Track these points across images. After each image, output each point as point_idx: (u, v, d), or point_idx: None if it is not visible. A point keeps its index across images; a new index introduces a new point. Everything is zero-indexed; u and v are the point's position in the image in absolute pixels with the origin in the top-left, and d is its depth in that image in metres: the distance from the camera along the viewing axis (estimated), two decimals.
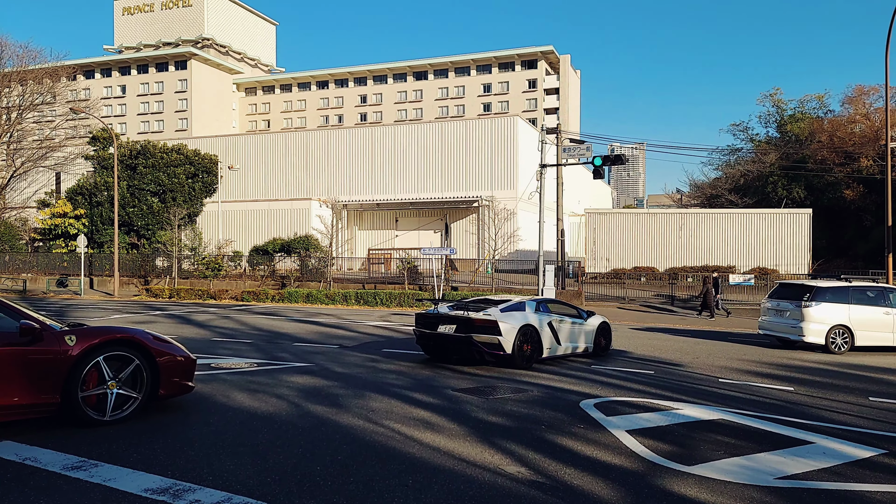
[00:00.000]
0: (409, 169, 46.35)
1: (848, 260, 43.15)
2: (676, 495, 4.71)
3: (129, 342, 6.28)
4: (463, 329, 10.46)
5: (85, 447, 5.40)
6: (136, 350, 6.31)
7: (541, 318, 11.25)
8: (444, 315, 10.77)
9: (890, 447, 6.31)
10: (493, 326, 10.34)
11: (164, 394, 6.56)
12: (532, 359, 10.85)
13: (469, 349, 10.50)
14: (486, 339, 10.34)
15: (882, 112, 43.33)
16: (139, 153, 40.07)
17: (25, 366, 5.66)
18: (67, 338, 5.92)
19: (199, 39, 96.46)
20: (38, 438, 5.60)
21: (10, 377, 5.56)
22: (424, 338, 11.05)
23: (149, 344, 6.43)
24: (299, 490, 4.53)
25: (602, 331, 12.88)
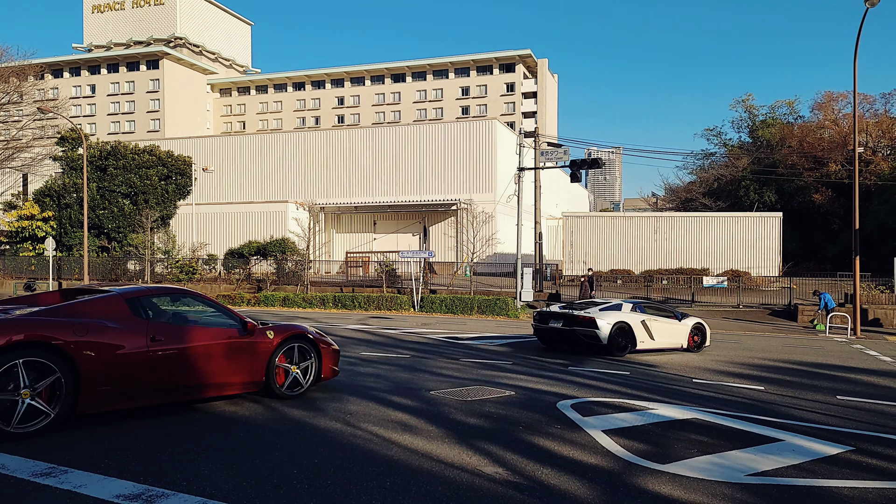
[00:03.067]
0: (387, 172, 46.25)
1: (817, 263, 44.22)
2: (651, 493, 4.78)
3: (305, 336, 7.84)
4: (568, 324, 13.16)
5: (55, 453, 5.28)
6: (309, 343, 7.85)
7: (634, 317, 13.40)
8: (554, 313, 13.59)
9: (857, 444, 6.48)
10: (591, 322, 12.86)
11: (324, 378, 8.09)
12: (626, 349, 13.08)
13: (573, 340, 13.19)
14: (585, 332, 12.92)
15: (850, 118, 44.46)
16: (110, 154, 39.35)
17: (247, 353, 7.26)
18: (268, 332, 7.48)
19: (172, 39, 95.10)
20: (5, 445, 5.46)
21: (238, 361, 7.17)
22: (540, 331, 13.88)
23: (316, 338, 7.97)
24: (276, 494, 4.49)
25: (696, 330, 14.48)
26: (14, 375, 5.51)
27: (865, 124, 46.41)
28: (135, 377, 6.29)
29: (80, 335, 5.92)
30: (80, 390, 5.85)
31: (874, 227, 41.37)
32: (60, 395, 5.74)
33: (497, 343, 15.22)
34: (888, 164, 45.54)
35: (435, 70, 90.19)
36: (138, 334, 6.38)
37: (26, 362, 5.56)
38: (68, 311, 6.21)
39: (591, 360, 12.45)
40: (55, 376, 5.70)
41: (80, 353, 5.85)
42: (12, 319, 5.78)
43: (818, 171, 47.55)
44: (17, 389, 5.53)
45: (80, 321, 6.07)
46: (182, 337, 6.73)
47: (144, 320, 6.57)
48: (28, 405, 5.58)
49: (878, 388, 10.60)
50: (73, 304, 6.37)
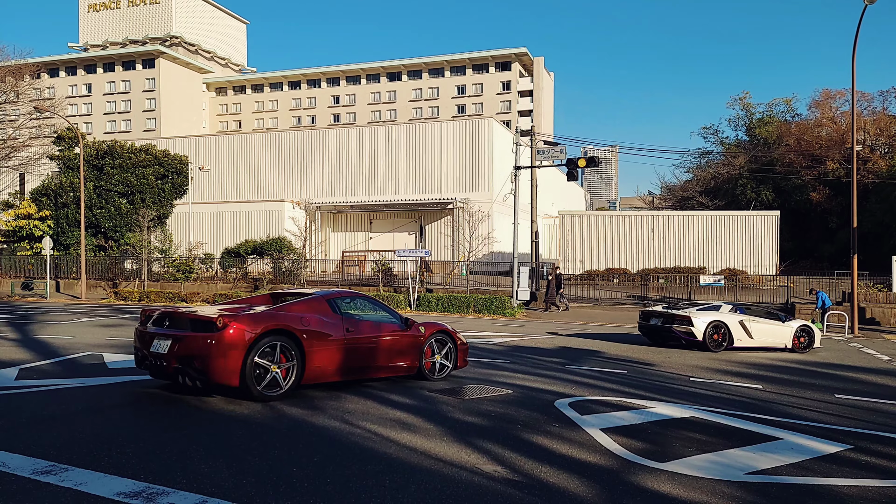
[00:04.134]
0: (383, 171, 46.21)
1: (814, 261, 44.33)
2: (650, 491, 4.78)
3: (446, 332, 9.45)
4: (667, 322, 14.59)
5: (54, 451, 5.27)
6: (450, 337, 9.45)
7: (732, 317, 14.45)
8: (655, 311, 15.13)
9: (855, 442, 6.50)
10: (688, 320, 14.25)
11: (459, 366, 9.56)
12: (721, 346, 14.15)
13: (670, 336, 14.50)
14: (682, 329, 14.25)
15: (848, 116, 44.57)
16: (106, 153, 39.22)
17: (408, 344, 8.88)
18: (421, 327, 9.14)
19: (168, 37, 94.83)
20: (5, 443, 5.45)
21: (402, 350, 8.80)
22: (643, 328, 15.41)
23: (455, 333, 9.58)
24: (275, 492, 4.49)
25: (802, 332, 15.18)
26: (268, 353, 7.28)
27: (863, 122, 46.53)
28: (336, 359, 8.00)
29: (305, 326, 7.70)
30: (304, 367, 7.59)
31: (872, 226, 41.50)
32: (291, 371, 7.49)
33: (494, 342, 15.23)
34: (886, 163, 45.67)
35: (431, 68, 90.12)
36: (338, 326, 8.11)
37: (274, 344, 7.31)
38: (292, 308, 7.98)
39: (590, 359, 12.47)
40: (295, 353, 7.51)
41: (306, 339, 7.61)
42: (264, 313, 7.57)
43: (815, 170, 47.66)
44: (270, 363, 7.28)
45: (303, 316, 7.83)
46: (365, 329, 8.52)
47: (340, 316, 8.30)
48: (272, 376, 7.32)
49: (876, 386, 10.63)
50: (294, 303, 8.15)
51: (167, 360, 7.17)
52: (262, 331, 7.20)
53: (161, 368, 7.35)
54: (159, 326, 7.60)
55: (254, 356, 7.13)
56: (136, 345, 7.72)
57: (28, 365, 10.10)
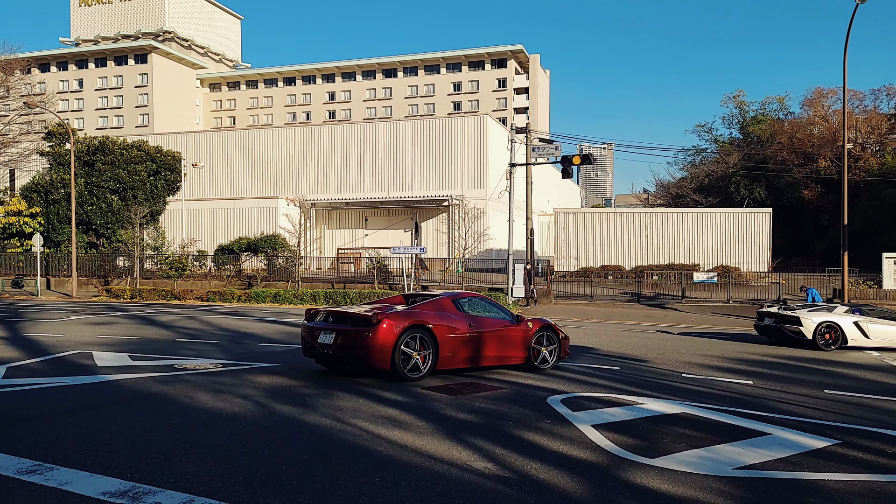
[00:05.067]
0: (378, 167, 46.12)
1: (806, 258, 44.52)
2: (640, 487, 4.79)
3: (552, 327, 10.71)
4: (778, 321, 15.47)
5: (40, 450, 5.24)
6: (554, 331, 10.69)
7: (846, 318, 14.97)
8: (767, 312, 15.99)
9: (843, 437, 6.53)
10: (796, 320, 15.05)
11: (563, 357, 10.76)
12: (832, 345, 14.70)
13: (781, 334, 15.33)
14: (791, 328, 15.01)
15: (840, 114, 44.70)
16: (97, 149, 38.99)
17: (518, 337, 10.17)
18: (529, 323, 10.41)
19: (161, 32, 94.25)
20: None
21: (513, 342, 10.09)
22: (758, 327, 16.36)
23: (558, 328, 10.85)
24: (264, 490, 4.47)
25: None
26: (411, 344, 8.83)
27: (855, 120, 46.73)
28: (461, 349, 9.38)
29: (437, 321, 9.17)
30: (438, 356, 9.05)
31: (863, 223, 41.70)
32: (428, 358, 9.01)
33: None
34: (877, 161, 45.89)
35: (426, 65, 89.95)
36: (462, 322, 9.53)
37: (415, 336, 8.87)
38: (425, 307, 9.53)
39: (582, 356, 12.48)
40: (431, 344, 9.02)
41: (439, 332, 9.07)
42: (407, 311, 9.20)
43: (808, 168, 47.84)
44: (413, 352, 8.84)
45: (435, 313, 9.34)
46: (483, 324, 9.84)
47: (464, 313, 9.73)
48: (414, 362, 8.86)
49: (864, 381, 10.69)
50: (426, 303, 9.70)
51: (332, 349, 8.89)
52: (406, 325, 8.78)
53: (326, 356, 9.15)
54: (324, 322, 9.26)
55: (401, 346, 8.71)
56: (305, 336, 9.40)
57: (16, 363, 10.04)
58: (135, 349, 11.87)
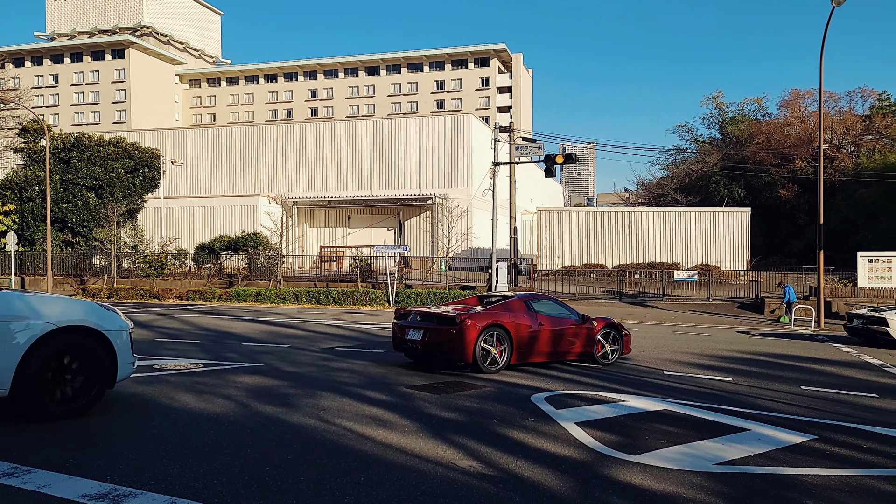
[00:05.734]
0: (361, 166, 45.95)
1: (783, 257, 45.24)
2: (622, 483, 4.84)
3: (614, 325, 11.56)
4: (866, 323, 16.12)
5: (17, 453, 5.14)
6: (617, 329, 11.54)
7: None
8: (858, 314, 16.82)
9: (820, 433, 6.66)
10: (883, 321, 15.67)
11: (625, 352, 11.67)
12: None
13: (869, 335, 16.01)
14: (878, 329, 15.63)
15: (816, 115, 45.42)
16: (73, 146, 38.33)
17: (583, 334, 11.15)
18: (594, 321, 11.33)
19: (138, 27, 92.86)
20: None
21: (579, 339, 11.09)
22: (847, 328, 16.97)
23: (622, 326, 11.78)
24: (247, 491, 4.44)
25: None
26: (489, 340, 9.88)
27: (830, 122, 47.55)
28: (533, 344, 10.45)
29: (512, 320, 10.23)
30: (513, 350, 10.11)
31: (838, 223, 42.46)
32: (505, 352, 10.05)
33: None
34: (852, 161, 46.76)
35: (410, 63, 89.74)
36: (533, 320, 10.54)
37: (493, 333, 9.93)
38: (501, 307, 10.61)
39: None
40: (507, 340, 10.05)
41: (514, 329, 10.14)
42: (485, 311, 10.28)
43: (785, 168, 48.59)
44: (491, 347, 9.89)
45: (509, 313, 10.41)
46: (552, 323, 10.82)
47: (535, 313, 10.75)
48: (492, 356, 9.90)
49: (840, 378, 10.90)
50: (501, 304, 10.78)
51: (420, 345, 9.97)
52: (486, 324, 9.86)
53: (415, 350, 10.19)
54: (413, 321, 10.35)
55: (481, 342, 9.77)
56: (396, 333, 10.49)
57: None
58: None
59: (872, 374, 11.51)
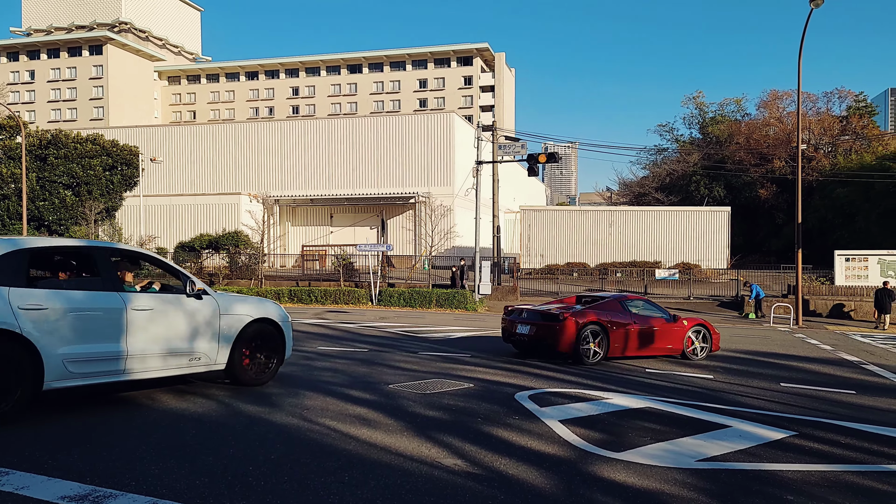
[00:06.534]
0: (343, 164, 45.72)
1: (762, 255, 45.87)
2: (606, 480, 4.87)
3: (704, 324, 12.46)
4: None
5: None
6: (706, 328, 12.41)
7: None
8: None
9: (799, 429, 6.76)
10: None
11: (714, 350, 12.49)
12: None
13: None
14: None
15: (794, 116, 46.09)
16: (50, 143, 37.64)
17: (673, 332, 12.01)
18: (683, 321, 12.17)
19: (116, 23, 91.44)
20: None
21: (669, 337, 11.96)
22: None
23: (710, 326, 12.57)
24: (230, 491, 4.39)
25: None
26: (588, 335, 11.02)
27: (808, 122, 48.30)
28: (626, 341, 11.48)
29: (608, 318, 11.31)
30: (609, 345, 11.19)
31: (816, 222, 43.16)
32: (601, 347, 11.14)
33: (456, 336, 15.26)
34: (829, 161, 47.55)
35: (392, 62, 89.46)
36: (627, 319, 11.63)
37: (591, 329, 11.04)
38: (598, 307, 11.67)
39: None
40: (603, 336, 11.14)
41: (609, 327, 11.24)
42: (584, 310, 11.34)
43: (764, 168, 49.26)
44: (590, 342, 11.06)
45: (606, 311, 11.51)
46: (644, 321, 11.84)
47: (628, 312, 11.84)
48: (592, 350, 11.05)
49: (818, 374, 11.08)
50: (598, 304, 11.84)
51: (527, 338, 11.37)
52: (585, 321, 11.00)
53: (522, 342, 11.57)
54: (520, 317, 11.65)
55: (581, 337, 10.91)
56: (505, 327, 11.88)
57: None
58: None
59: (850, 371, 11.72)
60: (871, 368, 12.23)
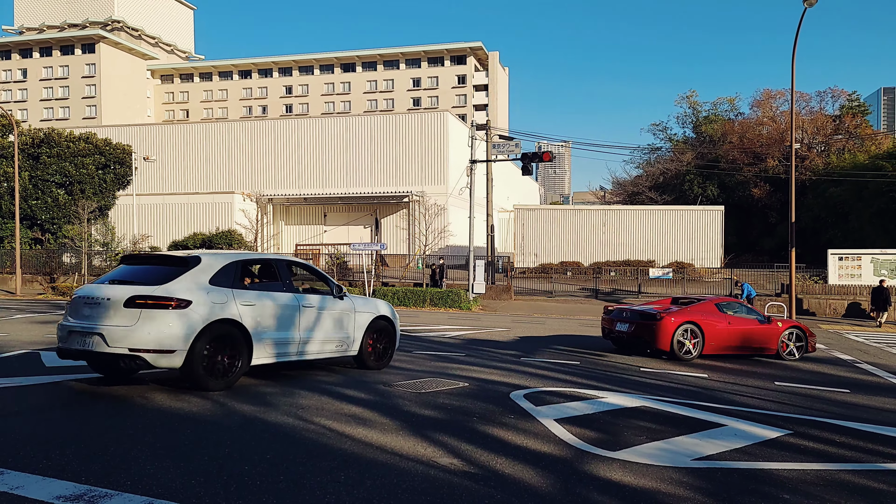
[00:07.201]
0: (337, 163, 45.61)
1: (755, 255, 46.03)
2: (602, 479, 4.87)
3: (799, 326, 12.86)
4: None
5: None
6: (801, 330, 12.75)
7: None
8: None
9: (794, 427, 6.78)
10: None
11: (809, 351, 12.90)
12: None
13: None
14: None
15: (787, 115, 46.29)
16: (43, 142, 37.41)
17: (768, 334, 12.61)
18: (778, 322, 12.75)
19: (109, 21, 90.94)
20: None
21: (763, 337, 12.54)
22: None
23: (805, 327, 12.95)
24: (226, 491, 4.37)
25: None
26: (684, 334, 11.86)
27: (802, 122, 48.53)
28: (721, 340, 12.19)
29: (703, 318, 12.09)
30: (704, 343, 11.92)
31: (809, 221, 43.34)
32: (697, 345, 11.89)
33: (450, 335, 15.25)
34: (822, 160, 47.76)
35: (385, 60, 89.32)
36: (723, 320, 12.37)
37: (687, 328, 11.85)
38: (694, 307, 12.47)
39: (544, 351, 12.64)
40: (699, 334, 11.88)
41: (705, 326, 11.93)
42: (681, 310, 12.21)
43: (757, 167, 49.44)
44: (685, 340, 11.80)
45: (700, 312, 12.31)
46: (739, 322, 12.54)
47: (723, 314, 12.51)
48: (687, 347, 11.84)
49: (812, 374, 11.14)
50: (693, 305, 12.63)
51: (626, 335, 12.27)
52: (681, 321, 11.82)
53: (621, 339, 12.53)
54: (620, 315, 12.59)
55: (677, 335, 11.73)
56: (605, 325, 12.88)
57: None
58: None
59: (844, 370, 11.78)
60: (865, 367, 12.30)
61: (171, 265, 7.81)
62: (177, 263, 7.81)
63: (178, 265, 7.76)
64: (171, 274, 7.61)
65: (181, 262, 7.79)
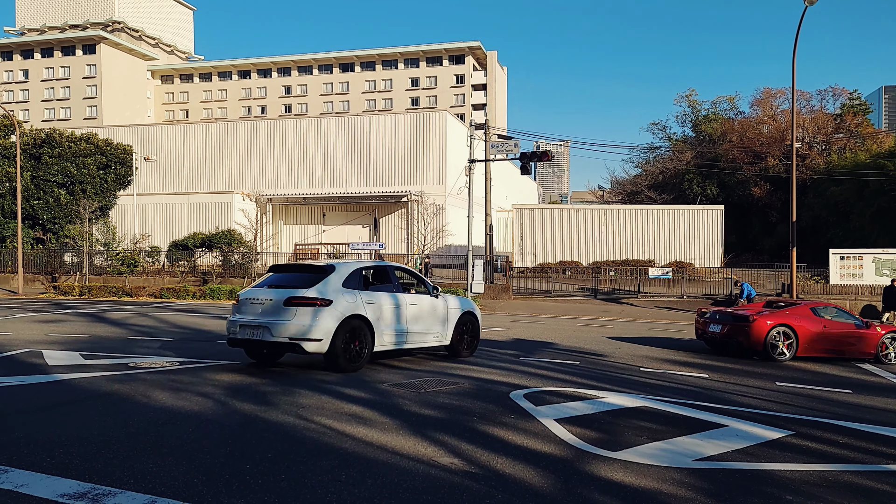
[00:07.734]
0: (336, 162, 45.58)
1: (755, 254, 46.00)
2: (603, 480, 4.87)
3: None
4: None
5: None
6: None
7: None
8: None
9: (797, 428, 6.78)
10: None
11: None
12: None
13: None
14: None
15: (788, 114, 46.26)
16: (44, 142, 37.44)
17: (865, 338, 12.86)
18: (877, 327, 13.08)
19: (109, 22, 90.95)
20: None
21: (860, 341, 12.78)
22: None
23: None
24: (228, 490, 4.37)
25: None
26: (775, 336, 12.25)
27: (802, 120, 48.49)
28: (815, 342, 12.45)
29: (796, 321, 12.38)
30: (798, 345, 12.28)
31: (809, 220, 43.31)
32: (791, 347, 12.26)
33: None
34: (823, 159, 47.72)
35: (384, 60, 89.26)
36: (817, 323, 12.59)
37: (779, 331, 12.26)
38: (789, 310, 12.70)
39: (543, 351, 12.65)
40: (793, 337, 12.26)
41: (798, 329, 12.30)
42: (773, 313, 12.58)
43: (757, 166, 49.39)
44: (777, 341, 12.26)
45: (794, 315, 12.54)
46: (834, 326, 12.72)
47: (818, 317, 12.71)
48: (780, 349, 12.26)
49: (813, 374, 11.14)
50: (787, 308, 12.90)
51: (719, 335, 12.78)
52: (774, 323, 12.29)
53: (714, 339, 13.00)
54: (712, 317, 13.16)
55: (770, 336, 12.18)
56: (698, 326, 13.47)
57: None
58: (86, 347, 11.45)
59: (845, 370, 11.80)
60: (867, 367, 12.31)
61: (312, 273, 9.46)
62: (316, 271, 9.45)
63: (317, 272, 9.38)
64: (313, 279, 9.22)
65: (320, 270, 9.41)
